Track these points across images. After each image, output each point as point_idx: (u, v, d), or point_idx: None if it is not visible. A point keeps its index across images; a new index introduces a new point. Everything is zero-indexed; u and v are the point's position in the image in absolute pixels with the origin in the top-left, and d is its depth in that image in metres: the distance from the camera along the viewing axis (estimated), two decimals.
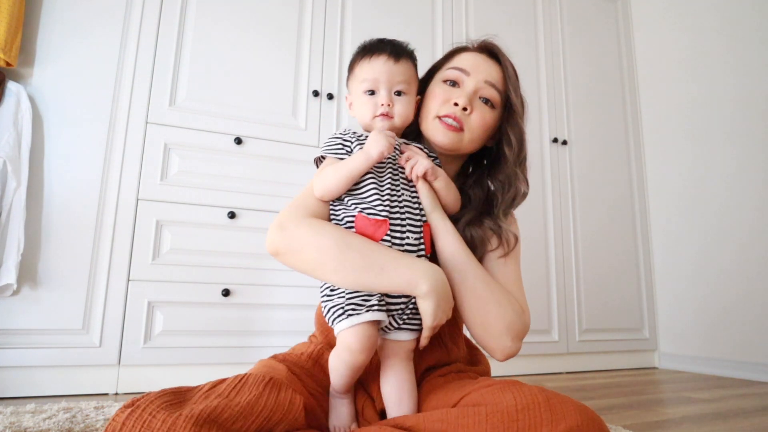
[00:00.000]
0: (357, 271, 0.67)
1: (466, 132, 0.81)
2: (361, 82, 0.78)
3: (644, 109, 2.54)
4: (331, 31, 1.91)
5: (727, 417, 1.31)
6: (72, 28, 1.55)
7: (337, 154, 0.76)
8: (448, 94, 0.82)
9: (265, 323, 1.64)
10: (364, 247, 0.69)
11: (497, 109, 0.84)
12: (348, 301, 0.68)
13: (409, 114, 0.79)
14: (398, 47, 0.79)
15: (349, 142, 0.77)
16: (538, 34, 2.35)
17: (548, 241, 2.17)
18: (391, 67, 0.76)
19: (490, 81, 0.82)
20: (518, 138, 0.84)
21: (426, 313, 0.68)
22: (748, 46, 2.07)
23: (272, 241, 0.73)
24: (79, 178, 1.50)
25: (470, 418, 0.55)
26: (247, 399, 0.58)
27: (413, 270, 0.67)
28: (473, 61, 0.84)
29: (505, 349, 0.74)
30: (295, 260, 0.72)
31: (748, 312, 1.98)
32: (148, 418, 0.51)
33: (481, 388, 0.63)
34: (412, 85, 0.80)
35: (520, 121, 0.84)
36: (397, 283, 0.67)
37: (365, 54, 0.78)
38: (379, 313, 0.67)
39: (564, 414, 0.53)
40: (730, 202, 2.09)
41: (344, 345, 0.68)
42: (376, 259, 0.67)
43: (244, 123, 1.72)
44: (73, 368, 1.43)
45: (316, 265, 0.70)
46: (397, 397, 0.70)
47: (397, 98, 0.78)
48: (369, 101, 0.77)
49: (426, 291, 0.66)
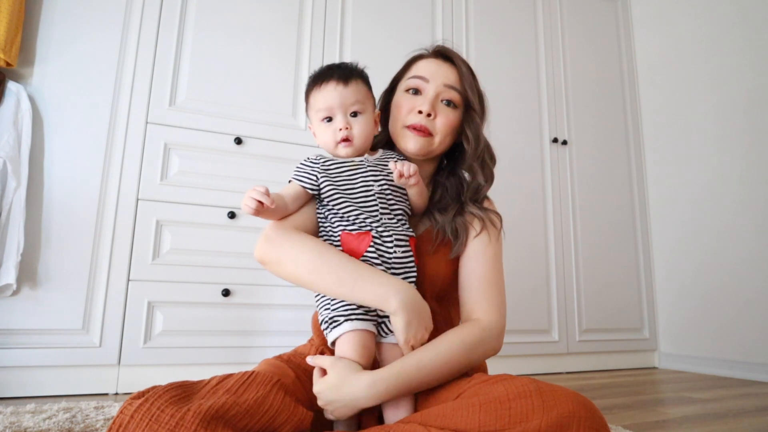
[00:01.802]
0: (333, 286, 0.72)
1: (435, 136, 0.85)
2: (317, 111, 0.81)
3: (644, 109, 2.54)
4: (331, 30, 1.91)
5: (727, 417, 1.31)
6: (72, 28, 1.55)
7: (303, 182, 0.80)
8: (412, 102, 0.86)
9: (265, 323, 1.64)
10: (339, 264, 0.72)
11: (459, 107, 0.88)
12: (332, 313, 0.73)
13: (368, 132, 0.82)
14: (346, 70, 0.81)
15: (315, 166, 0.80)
16: (538, 34, 2.35)
17: (548, 241, 2.17)
18: (342, 91, 0.79)
19: (448, 83, 0.86)
20: (475, 134, 0.87)
21: (397, 329, 0.70)
22: (749, 45, 2.07)
23: (258, 251, 0.78)
24: (79, 178, 1.50)
25: (465, 409, 0.57)
26: (254, 397, 0.59)
27: (384, 287, 0.70)
28: (430, 68, 0.88)
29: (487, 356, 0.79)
30: (277, 271, 0.77)
31: (748, 312, 1.98)
32: (156, 412, 0.51)
33: (476, 385, 0.64)
34: (366, 104, 0.82)
35: (476, 117, 0.87)
36: (369, 300, 0.71)
37: (315, 83, 0.81)
38: (360, 323, 0.71)
39: (556, 401, 0.54)
40: (730, 201, 2.09)
41: (341, 353, 0.71)
42: (349, 276, 0.71)
43: (244, 123, 1.72)
44: (73, 368, 1.43)
45: (294, 278, 0.76)
46: (394, 401, 0.70)
47: (354, 120, 0.80)
48: (328, 128, 0.80)
49: (395, 307, 0.69)
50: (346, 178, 0.79)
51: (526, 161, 2.20)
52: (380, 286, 0.70)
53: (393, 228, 0.77)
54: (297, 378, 0.75)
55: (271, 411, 0.59)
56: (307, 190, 0.80)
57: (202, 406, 0.52)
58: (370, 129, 0.83)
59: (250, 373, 0.65)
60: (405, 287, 0.71)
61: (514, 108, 2.22)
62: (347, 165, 0.80)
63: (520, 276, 2.05)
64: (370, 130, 0.83)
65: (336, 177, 0.79)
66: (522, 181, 2.17)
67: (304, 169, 0.80)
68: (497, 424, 0.54)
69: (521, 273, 2.06)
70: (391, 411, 0.71)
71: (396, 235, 0.76)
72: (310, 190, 0.80)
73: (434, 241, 0.83)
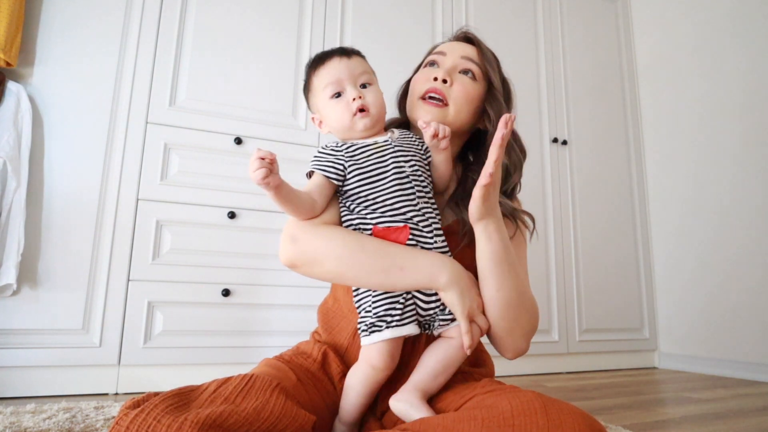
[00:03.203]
0: (378, 275, 0.69)
1: (450, 105, 0.81)
2: (325, 87, 0.76)
3: (644, 109, 2.54)
4: (332, 30, 1.91)
5: (727, 417, 1.31)
6: (72, 28, 1.55)
7: (326, 171, 0.74)
8: (428, 73, 0.83)
9: (265, 323, 1.64)
10: (381, 250, 0.70)
11: (480, 81, 0.84)
12: (374, 319, 0.69)
13: (382, 103, 0.78)
14: (346, 48, 0.79)
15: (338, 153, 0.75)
16: (538, 34, 2.35)
17: (548, 241, 2.17)
18: (347, 62, 0.76)
19: (467, 56, 0.84)
20: (497, 112, 0.84)
21: (453, 304, 0.69)
22: (749, 45, 2.07)
23: (287, 255, 0.73)
24: (79, 178, 1.50)
25: (467, 422, 0.55)
26: (254, 405, 0.57)
27: (432, 264, 0.69)
28: (449, 45, 0.87)
29: (518, 350, 0.77)
30: (314, 272, 0.73)
31: (748, 312, 1.98)
32: (152, 422, 0.50)
33: (481, 394, 0.63)
34: (373, 76, 0.79)
35: (498, 96, 0.84)
36: (419, 279, 0.69)
37: (318, 63, 0.78)
38: (399, 329, 0.68)
39: (562, 421, 0.52)
40: (730, 201, 2.09)
41: (366, 359, 0.70)
42: (394, 260, 0.69)
43: (244, 123, 1.72)
44: (73, 368, 1.43)
45: (336, 275, 0.72)
46: (439, 370, 0.70)
47: (365, 90, 0.76)
48: (339, 103, 0.76)
49: (446, 281, 0.68)
50: (375, 161, 0.73)
51: (526, 161, 2.19)
52: (426, 266, 0.69)
53: (429, 215, 0.73)
54: (299, 380, 0.73)
55: (272, 418, 0.57)
56: (332, 181, 0.74)
57: (199, 416, 0.51)
58: (382, 101, 0.78)
59: (249, 377, 0.63)
60: (449, 261, 0.71)
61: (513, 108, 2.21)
62: (372, 147, 0.74)
63: None
64: (383, 101, 0.78)
65: (364, 162, 0.73)
66: (522, 180, 2.16)
67: (326, 158, 0.74)
68: None
69: None
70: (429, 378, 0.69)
71: (434, 223, 0.73)
72: (335, 180, 0.74)
73: (461, 240, 0.79)
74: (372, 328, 0.69)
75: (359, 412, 0.73)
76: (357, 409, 0.73)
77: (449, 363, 0.71)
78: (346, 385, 0.73)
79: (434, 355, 0.71)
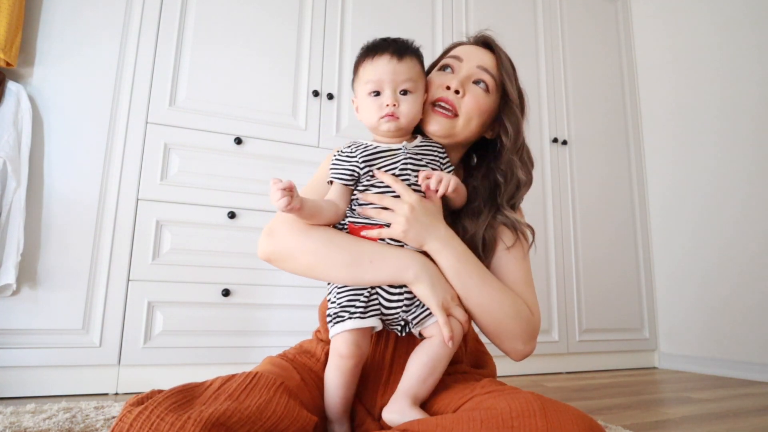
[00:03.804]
0: (347, 268, 0.71)
1: (460, 117, 0.80)
2: (365, 83, 0.76)
3: (644, 109, 2.54)
4: (331, 30, 1.91)
5: (727, 417, 1.31)
6: (72, 28, 1.55)
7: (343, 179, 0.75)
8: (442, 79, 0.82)
9: (265, 323, 1.64)
10: (351, 244, 0.72)
11: (492, 94, 0.83)
12: (337, 309, 0.71)
13: (416, 113, 0.78)
14: (401, 45, 0.77)
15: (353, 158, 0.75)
16: (538, 34, 2.35)
17: (548, 241, 2.17)
18: (395, 66, 0.75)
19: (483, 66, 0.83)
20: (515, 126, 0.83)
21: (425, 296, 0.70)
22: (748, 45, 2.07)
23: (263, 248, 0.76)
24: (79, 178, 1.50)
25: (465, 423, 0.55)
26: (257, 403, 0.57)
27: (399, 258, 0.71)
28: (467, 50, 0.86)
29: (518, 353, 0.77)
30: (288, 266, 0.75)
31: (748, 312, 1.97)
32: (156, 420, 0.50)
33: (480, 395, 0.63)
34: (418, 83, 0.78)
35: (516, 109, 0.84)
36: (387, 273, 0.70)
37: (368, 55, 0.77)
38: (362, 320, 0.69)
39: (560, 423, 0.51)
40: (729, 201, 2.09)
41: (334, 349, 0.71)
42: (364, 254, 0.71)
43: (244, 123, 1.72)
44: (73, 368, 1.43)
45: (308, 269, 0.74)
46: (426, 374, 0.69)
47: (403, 98, 0.76)
48: (374, 103, 0.76)
49: (414, 274, 0.70)
50: (385, 167, 0.75)
51: None
52: (393, 260, 0.70)
53: None
54: (302, 380, 0.73)
55: (274, 417, 0.58)
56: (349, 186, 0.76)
57: (203, 414, 0.51)
58: (418, 110, 0.78)
59: (253, 375, 0.63)
60: (418, 256, 0.71)
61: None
62: (387, 154, 0.76)
63: None
64: (418, 110, 0.78)
65: (374, 166, 0.75)
66: None
67: (342, 165, 0.76)
68: None
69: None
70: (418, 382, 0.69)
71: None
72: (352, 185, 0.76)
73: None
74: (336, 319, 0.70)
75: (342, 406, 0.73)
76: (340, 402, 0.72)
77: (435, 364, 0.70)
78: (325, 381, 0.73)
79: (419, 358, 0.71)
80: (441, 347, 0.70)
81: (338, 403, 0.72)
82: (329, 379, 0.72)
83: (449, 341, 0.68)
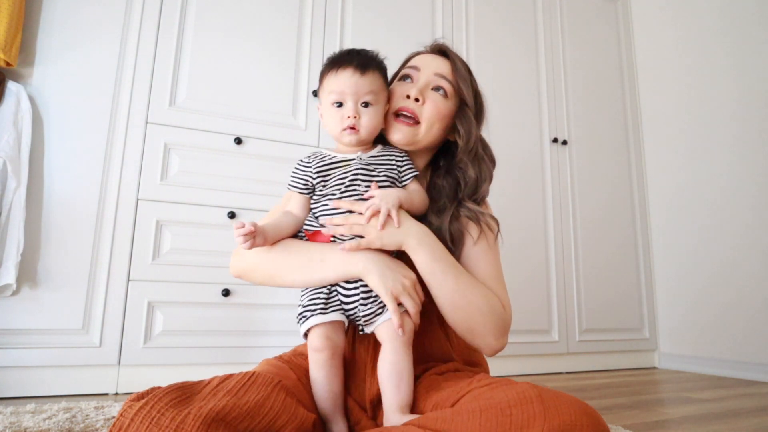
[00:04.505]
0: (301, 270, 0.75)
1: (422, 123, 0.83)
2: (329, 94, 0.80)
3: (644, 109, 2.54)
4: (331, 30, 1.91)
5: (727, 417, 1.31)
6: (72, 28, 1.55)
7: (297, 188, 0.81)
8: (401, 88, 0.85)
9: (265, 323, 1.64)
10: (303, 249, 0.77)
11: (451, 98, 0.86)
12: (301, 309, 0.75)
13: (376, 125, 0.81)
14: (365, 58, 0.80)
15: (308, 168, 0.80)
16: (538, 34, 2.35)
17: (548, 241, 2.17)
18: (358, 79, 0.78)
19: (440, 73, 0.86)
20: (466, 128, 0.86)
21: (374, 286, 0.72)
22: (748, 45, 2.07)
23: (232, 267, 0.83)
24: (79, 178, 1.50)
25: (465, 414, 0.56)
26: (255, 399, 0.59)
27: (346, 255, 0.74)
28: (424, 59, 0.89)
29: (490, 347, 0.79)
30: (254, 278, 0.81)
31: (748, 312, 1.98)
32: (156, 415, 0.51)
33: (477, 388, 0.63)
34: (380, 95, 0.81)
35: (469, 113, 0.87)
36: (339, 269, 0.74)
37: (332, 66, 0.80)
38: (324, 316, 0.73)
39: (558, 408, 0.53)
40: (730, 201, 2.09)
41: (309, 346, 0.74)
42: (314, 255, 0.75)
43: (244, 123, 1.72)
44: (73, 368, 1.43)
45: (269, 277, 0.79)
46: (396, 380, 0.70)
47: (364, 110, 0.79)
48: (336, 114, 0.79)
49: (362, 267, 0.72)
50: (338, 177, 0.78)
51: (526, 161, 2.20)
52: (342, 256, 0.73)
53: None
54: (299, 380, 0.75)
55: (272, 413, 0.59)
56: (305, 195, 0.81)
57: (202, 409, 0.52)
58: (379, 121, 0.82)
59: (251, 374, 0.65)
60: (366, 251, 0.74)
61: (514, 108, 2.22)
62: (338, 165, 0.80)
63: (520, 276, 2.05)
64: (379, 122, 0.82)
65: (328, 178, 0.79)
66: (522, 181, 2.17)
67: (298, 173, 0.81)
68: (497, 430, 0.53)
69: (521, 273, 2.06)
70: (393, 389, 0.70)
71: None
72: (307, 193, 0.81)
73: None
74: (300, 318, 0.75)
75: (331, 401, 0.74)
76: (328, 398, 0.73)
77: (399, 368, 0.71)
78: (311, 380, 0.75)
79: (382, 369, 0.72)
80: (395, 352, 0.72)
81: (327, 398, 0.73)
82: (313, 376, 0.74)
83: (399, 329, 0.70)
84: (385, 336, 0.73)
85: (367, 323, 0.75)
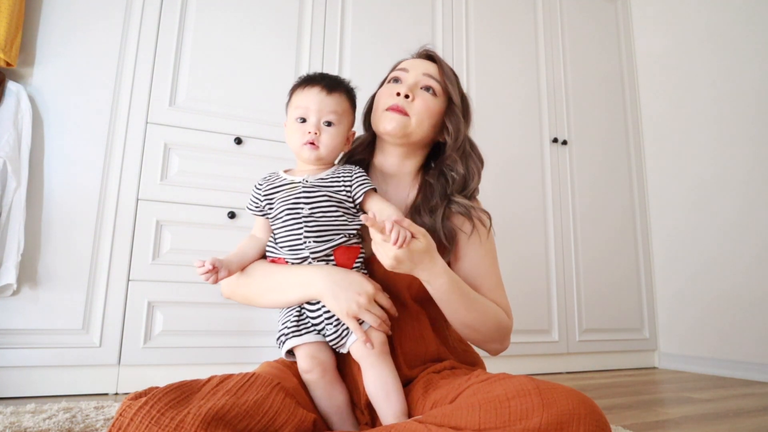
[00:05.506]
0: (270, 293, 0.78)
1: (412, 117, 0.84)
2: (294, 109, 0.82)
3: (644, 109, 2.54)
4: (332, 31, 1.91)
5: (727, 417, 1.31)
6: (72, 28, 1.55)
7: (252, 210, 0.84)
8: (391, 89, 0.87)
9: (265, 323, 1.64)
10: (268, 273, 0.79)
11: (439, 97, 0.88)
12: (278, 333, 0.78)
13: (336, 145, 0.81)
14: (334, 81, 0.83)
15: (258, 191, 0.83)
16: (538, 34, 2.35)
17: (548, 241, 2.17)
18: (323, 98, 0.80)
19: (428, 73, 0.88)
20: (455, 126, 0.88)
21: (332, 308, 0.73)
22: (749, 45, 2.07)
23: (222, 291, 0.87)
24: (79, 178, 1.50)
25: (465, 409, 0.57)
26: (254, 398, 0.59)
27: (302, 276, 0.75)
28: (412, 63, 0.91)
29: (496, 351, 0.85)
30: (238, 299, 0.85)
31: (748, 312, 1.98)
32: (156, 414, 0.51)
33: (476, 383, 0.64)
34: (343, 117, 0.82)
35: (457, 111, 0.88)
36: (298, 293, 0.75)
37: (302, 84, 0.83)
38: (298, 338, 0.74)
39: (555, 399, 0.54)
40: (730, 201, 2.09)
41: (299, 367, 0.75)
42: (276, 279, 0.77)
43: (244, 123, 1.72)
44: (73, 368, 1.43)
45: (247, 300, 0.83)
46: (384, 393, 0.71)
47: (326, 128, 0.80)
48: (298, 129, 0.81)
49: (317, 290, 0.73)
50: (282, 199, 0.79)
51: (526, 161, 2.20)
52: (298, 278, 0.74)
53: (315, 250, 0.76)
54: (299, 383, 0.75)
55: (271, 412, 0.59)
56: (264, 217, 0.84)
57: (201, 408, 0.53)
58: (339, 142, 0.82)
59: (250, 375, 0.65)
60: (320, 270, 0.74)
61: (514, 108, 2.22)
62: (287, 187, 0.80)
63: (520, 276, 2.05)
64: (339, 143, 0.82)
65: (273, 200, 0.81)
66: (522, 181, 2.17)
67: (251, 196, 0.84)
68: (497, 421, 0.54)
69: (521, 273, 2.06)
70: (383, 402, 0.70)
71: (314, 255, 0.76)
72: (260, 215, 0.84)
73: None
74: (278, 342, 0.77)
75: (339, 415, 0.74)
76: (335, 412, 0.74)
77: (383, 379, 0.71)
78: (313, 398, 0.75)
79: (369, 383, 0.72)
80: (373, 367, 0.72)
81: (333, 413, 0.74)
82: (312, 395, 0.75)
83: (366, 343, 0.71)
84: (359, 354, 0.73)
85: (337, 345, 0.75)
